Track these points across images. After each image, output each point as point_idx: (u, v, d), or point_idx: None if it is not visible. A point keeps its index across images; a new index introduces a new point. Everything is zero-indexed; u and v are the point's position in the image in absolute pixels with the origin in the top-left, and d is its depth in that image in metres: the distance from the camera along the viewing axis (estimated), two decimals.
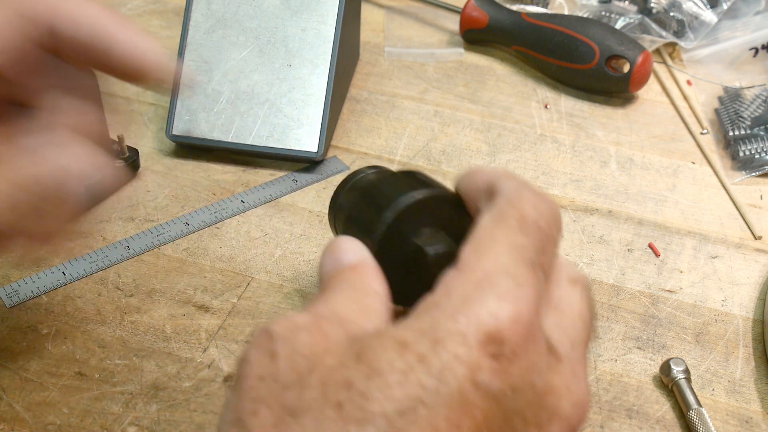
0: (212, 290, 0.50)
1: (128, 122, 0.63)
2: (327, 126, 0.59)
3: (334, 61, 0.59)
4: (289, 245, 0.54)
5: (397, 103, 0.67)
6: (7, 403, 0.44)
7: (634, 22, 0.72)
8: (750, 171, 0.61)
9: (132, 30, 0.37)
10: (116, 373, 0.45)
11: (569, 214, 0.57)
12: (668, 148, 0.63)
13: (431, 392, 0.24)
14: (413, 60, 0.72)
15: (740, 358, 0.48)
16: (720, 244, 0.55)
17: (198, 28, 0.60)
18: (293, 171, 0.59)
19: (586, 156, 0.62)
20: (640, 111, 0.67)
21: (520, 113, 0.66)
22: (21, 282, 0.50)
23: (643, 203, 0.58)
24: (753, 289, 0.52)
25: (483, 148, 0.62)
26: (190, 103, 0.59)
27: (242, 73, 0.59)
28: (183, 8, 0.61)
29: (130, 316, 0.49)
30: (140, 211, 0.56)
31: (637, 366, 0.47)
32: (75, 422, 0.43)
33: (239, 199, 0.57)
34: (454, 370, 0.24)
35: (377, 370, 0.24)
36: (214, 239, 0.54)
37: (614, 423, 0.44)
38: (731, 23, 0.73)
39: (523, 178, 0.31)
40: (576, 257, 0.54)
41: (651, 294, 0.51)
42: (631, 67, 0.65)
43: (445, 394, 0.24)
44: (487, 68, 0.71)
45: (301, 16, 0.60)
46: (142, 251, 0.53)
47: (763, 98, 0.64)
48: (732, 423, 0.45)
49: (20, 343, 0.47)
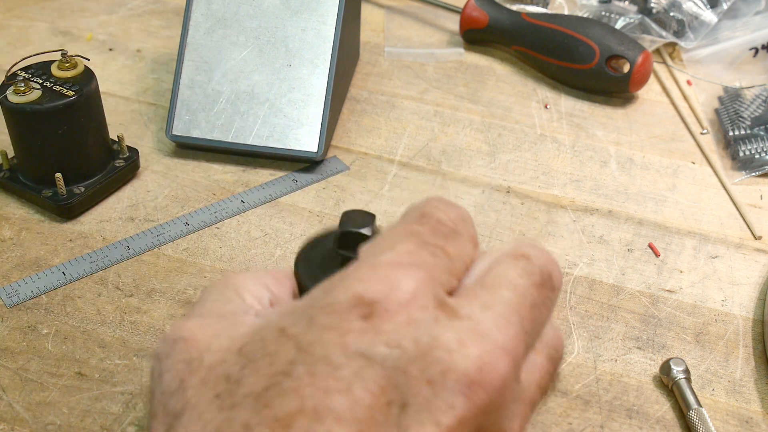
0: None
1: (128, 122, 0.63)
2: (327, 126, 0.59)
3: (334, 61, 0.59)
4: (289, 245, 0.54)
5: (397, 103, 0.67)
6: (7, 403, 0.44)
7: (634, 22, 0.72)
8: (750, 171, 0.61)
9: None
10: (116, 373, 0.45)
11: (569, 214, 0.57)
12: (668, 148, 0.63)
13: (296, 364, 0.25)
14: (413, 60, 0.72)
15: (740, 358, 0.48)
16: (720, 244, 0.55)
17: (198, 28, 0.60)
18: (293, 171, 0.59)
19: (586, 156, 0.62)
20: (640, 111, 0.67)
21: (520, 113, 0.66)
22: (21, 282, 0.50)
23: (643, 203, 0.58)
24: (753, 289, 0.52)
25: (483, 148, 0.62)
26: (190, 103, 0.59)
27: (242, 73, 0.59)
28: (183, 8, 0.61)
29: (130, 316, 0.49)
30: (140, 211, 0.56)
31: (637, 366, 0.47)
32: (75, 422, 0.43)
33: (239, 199, 0.57)
34: (322, 338, 0.25)
35: (252, 359, 0.25)
36: (214, 239, 0.54)
37: (614, 423, 0.44)
38: (731, 23, 0.73)
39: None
40: (576, 257, 0.54)
41: (651, 294, 0.51)
42: (631, 67, 0.65)
43: (310, 362, 0.24)
44: (487, 68, 0.71)
45: (301, 16, 0.60)
46: (142, 251, 0.53)
47: (763, 98, 0.64)
48: (732, 423, 0.45)
49: (20, 343, 0.47)
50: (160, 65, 0.70)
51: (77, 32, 0.74)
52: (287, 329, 0.26)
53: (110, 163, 0.57)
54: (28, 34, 0.73)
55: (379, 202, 0.57)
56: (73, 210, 0.54)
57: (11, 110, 0.52)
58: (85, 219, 0.55)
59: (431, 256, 0.28)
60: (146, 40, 0.73)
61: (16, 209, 0.55)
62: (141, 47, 0.72)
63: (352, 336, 0.25)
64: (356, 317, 0.25)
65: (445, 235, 0.29)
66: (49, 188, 0.54)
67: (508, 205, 0.57)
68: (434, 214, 0.30)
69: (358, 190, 0.58)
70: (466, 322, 0.26)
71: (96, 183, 0.55)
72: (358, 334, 0.25)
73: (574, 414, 0.44)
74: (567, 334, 0.49)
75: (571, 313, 0.50)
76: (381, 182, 0.59)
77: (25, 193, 0.55)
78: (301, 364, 0.25)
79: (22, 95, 0.52)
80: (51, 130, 0.52)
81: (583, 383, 0.46)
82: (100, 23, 0.75)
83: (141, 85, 0.67)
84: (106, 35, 0.73)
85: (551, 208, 0.57)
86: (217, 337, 0.28)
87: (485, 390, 0.25)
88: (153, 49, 0.72)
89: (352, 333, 0.25)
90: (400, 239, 0.28)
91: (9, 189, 0.56)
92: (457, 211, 0.31)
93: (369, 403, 0.24)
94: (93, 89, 0.54)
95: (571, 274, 0.52)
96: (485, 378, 0.25)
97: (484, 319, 0.27)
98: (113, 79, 0.68)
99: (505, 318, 0.27)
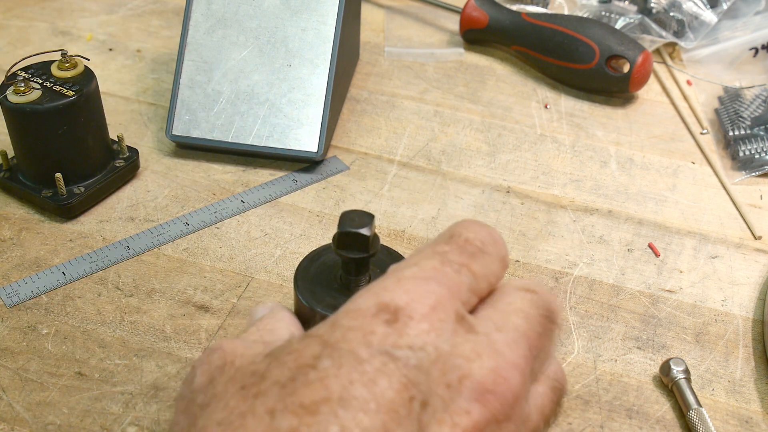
0: (212, 290, 0.50)
1: (128, 122, 0.63)
2: (327, 126, 0.59)
3: (334, 61, 0.59)
4: (289, 245, 0.54)
5: (397, 103, 0.67)
6: (7, 403, 0.44)
7: (634, 22, 0.72)
8: (750, 171, 0.61)
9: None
10: (116, 373, 0.45)
11: (569, 214, 0.57)
12: (668, 148, 0.63)
13: (322, 358, 0.26)
14: (413, 60, 0.72)
15: (740, 358, 0.48)
16: (720, 244, 0.55)
17: (198, 28, 0.60)
18: (293, 171, 0.59)
19: (586, 156, 0.62)
20: (640, 111, 0.67)
21: (520, 113, 0.66)
22: (21, 282, 0.50)
23: (643, 203, 0.58)
24: (753, 289, 0.52)
25: (483, 148, 0.62)
26: (190, 103, 0.59)
27: (242, 73, 0.59)
28: (183, 8, 0.61)
29: (130, 316, 0.49)
30: (140, 211, 0.56)
31: (637, 366, 0.47)
32: (75, 422, 0.43)
33: (239, 199, 0.57)
34: (347, 336, 0.26)
35: (279, 358, 0.26)
36: (214, 239, 0.54)
37: (614, 423, 0.44)
38: (731, 23, 0.73)
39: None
40: (576, 257, 0.54)
41: (651, 294, 0.51)
42: (631, 67, 0.65)
43: (336, 356, 0.26)
44: (487, 68, 0.71)
45: (301, 16, 0.60)
46: (142, 251, 0.53)
47: (763, 98, 0.64)
48: (732, 423, 0.44)
49: (20, 343, 0.47)
50: (160, 65, 0.70)
51: (77, 32, 0.74)
52: (312, 332, 0.27)
53: (110, 163, 0.57)
54: (28, 34, 0.73)
55: (379, 202, 0.57)
56: (73, 210, 0.54)
57: (11, 110, 0.52)
58: (85, 219, 0.55)
59: (455, 273, 0.29)
60: (146, 40, 0.73)
61: (16, 209, 0.55)
62: (141, 47, 0.72)
63: (376, 336, 0.26)
64: (380, 322, 0.27)
65: (472, 254, 0.30)
66: (49, 188, 0.54)
67: (508, 205, 0.57)
68: (462, 234, 0.31)
69: (358, 190, 0.58)
70: (482, 337, 0.28)
71: (96, 183, 0.55)
72: (382, 335, 0.26)
73: (574, 414, 0.44)
74: (567, 334, 0.49)
75: (571, 313, 0.50)
76: (381, 182, 0.59)
77: (25, 193, 0.55)
78: (327, 358, 0.26)
79: (22, 95, 0.52)
80: (51, 130, 0.52)
81: (583, 383, 0.46)
82: (100, 23, 0.75)
83: (141, 85, 0.67)
84: (106, 35, 0.73)
85: (551, 208, 0.57)
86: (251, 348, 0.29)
87: (498, 400, 0.27)
88: (153, 49, 0.72)
89: (376, 334, 0.26)
90: (426, 257, 0.30)
91: (9, 189, 0.56)
92: (488, 231, 0.32)
93: (392, 396, 0.25)
94: (93, 89, 0.54)
95: (571, 274, 0.52)
96: (498, 389, 0.27)
97: (498, 338, 0.28)
98: (113, 79, 0.68)
99: (515, 341, 0.29)
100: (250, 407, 0.25)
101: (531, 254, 0.54)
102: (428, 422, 0.25)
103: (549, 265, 0.53)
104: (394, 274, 0.29)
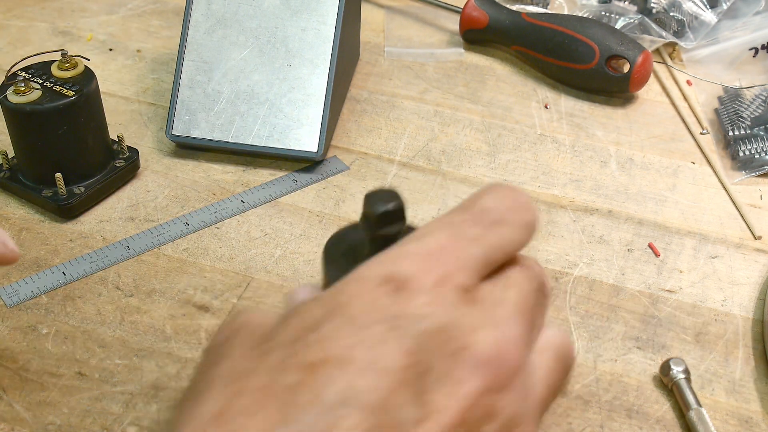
0: (212, 290, 0.50)
1: (128, 122, 0.63)
2: (327, 126, 0.59)
3: (334, 61, 0.59)
4: (289, 245, 0.54)
5: (397, 103, 0.67)
6: (7, 403, 0.44)
7: (634, 22, 0.72)
8: (750, 171, 0.61)
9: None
10: (116, 373, 0.45)
11: (569, 214, 0.57)
12: (668, 148, 0.63)
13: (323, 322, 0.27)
14: (413, 60, 0.72)
15: (740, 358, 0.48)
16: (720, 244, 0.55)
17: (198, 28, 0.60)
18: (293, 171, 0.59)
19: (586, 156, 0.62)
20: (640, 111, 0.67)
21: (520, 113, 0.66)
22: (21, 282, 0.50)
23: (643, 203, 0.58)
24: (753, 289, 0.52)
25: (483, 148, 0.62)
26: (190, 103, 0.59)
27: (242, 73, 0.59)
28: (183, 8, 0.61)
29: (130, 316, 0.49)
30: (140, 211, 0.56)
31: (637, 366, 0.47)
32: (75, 422, 0.43)
33: (239, 199, 0.57)
34: (350, 302, 0.27)
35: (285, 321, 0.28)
36: (214, 239, 0.54)
37: (614, 423, 0.44)
38: (731, 23, 0.73)
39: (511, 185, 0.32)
40: (576, 257, 0.54)
41: (651, 294, 0.51)
42: (631, 67, 0.65)
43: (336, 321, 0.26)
44: (487, 68, 0.71)
45: (301, 16, 0.60)
46: (142, 251, 0.53)
47: (763, 98, 0.64)
48: (732, 423, 0.45)
49: (20, 343, 0.47)
50: (160, 65, 0.70)
51: (77, 32, 0.74)
52: (318, 296, 0.28)
53: (110, 163, 0.57)
54: (28, 34, 0.73)
55: None
56: (73, 210, 0.54)
57: (11, 110, 0.52)
58: (85, 219, 0.55)
59: (466, 245, 0.29)
60: (146, 40, 0.73)
61: (16, 209, 0.55)
62: (141, 47, 0.72)
63: (380, 305, 0.27)
64: (385, 291, 0.27)
65: (488, 225, 0.30)
66: (49, 188, 0.54)
67: None
68: (481, 203, 0.31)
69: (358, 190, 0.58)
70: (480, 311, 0.28)
71: (96, 183, 0.55)
72: (385, 304, 0.27)
73: (574, 414, 0.44)
74: (567, 334, 0.49)
75: (571, 313, 0.50)
76: (381, 182, 0.59)
77: (25, 193, 0.55)
78: (327, 322, 0.26)
79: (22, 95, 0.52)
80: (51, 130, 0.52)
81: (583, 383, 0.46)
82: (100, 23, 0.75)
83: (141, 85, 0.67)
84: (106, 35, 0.73)
85: (551, 208, 0.57)
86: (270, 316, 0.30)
87: (497, 371, 0.27)
88: (153, 49, 0.72)
89: (380, 302, 0.27)
90: (439, 227, 0.30)
91: (9, 189, 0.56)
92: (513, 197, 0.31)
93: (391, 363, 0.25)
94: (93, 89, 0.54)
95: (571, 274, 0.52)
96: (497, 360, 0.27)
97: (497, 312, 0.29)
98: (113, 79, 0.68)
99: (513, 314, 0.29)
100: (255, 365, 0.26)
101: (531, 254, 0.54)
102: (427, 390, 0.26)
103: (549, 265, 0.53)
104: (404, 244, 0.29)
